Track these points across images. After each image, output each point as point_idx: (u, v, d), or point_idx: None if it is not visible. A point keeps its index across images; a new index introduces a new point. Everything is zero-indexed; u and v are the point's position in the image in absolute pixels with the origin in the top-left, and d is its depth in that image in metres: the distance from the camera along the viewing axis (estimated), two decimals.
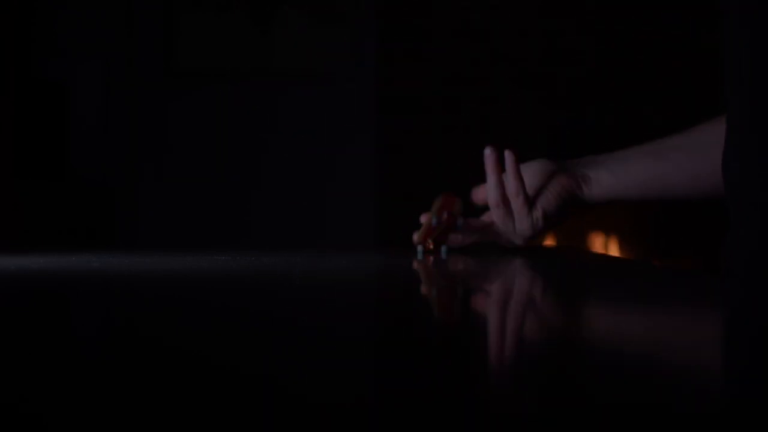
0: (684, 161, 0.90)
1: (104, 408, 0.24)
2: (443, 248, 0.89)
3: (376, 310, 0.50)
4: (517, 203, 0.87)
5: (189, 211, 3.02)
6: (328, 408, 0.25)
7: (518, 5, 2.89)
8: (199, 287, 0.59)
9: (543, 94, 2.81)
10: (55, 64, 2.99)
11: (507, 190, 0.88)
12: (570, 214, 0.91)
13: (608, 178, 0.90)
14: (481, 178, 0.91)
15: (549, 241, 2.43)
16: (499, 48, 2.87)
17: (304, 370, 0.30)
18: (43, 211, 2.71)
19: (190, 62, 3.05)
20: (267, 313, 0.47)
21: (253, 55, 3.01)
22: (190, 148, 3.02)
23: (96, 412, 0.24)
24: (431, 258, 0.85)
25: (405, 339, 0.38)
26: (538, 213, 0.88)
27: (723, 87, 0.75)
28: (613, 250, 2.55)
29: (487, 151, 0.88)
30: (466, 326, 0.42)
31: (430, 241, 0.88)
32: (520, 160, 0.88)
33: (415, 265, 0.80)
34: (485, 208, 0.92)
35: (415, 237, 0.88)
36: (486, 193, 0.90)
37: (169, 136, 3.03)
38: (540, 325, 0.43)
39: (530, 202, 0.88)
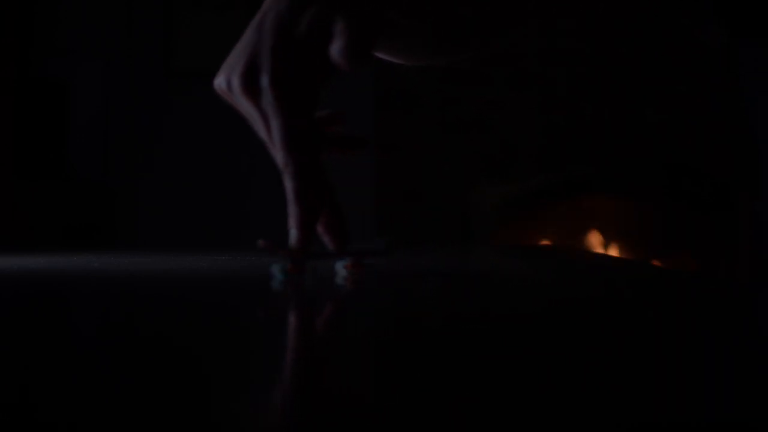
0: None
1: (103, 408, 0.24)
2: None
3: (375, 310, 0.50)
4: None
5: (189, 211, 3.02)
6: (330, 407, 0.25)
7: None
8: (199, 287, 0.59)
9: (542, 93, 2.81)
10: (56, 64, 2.99)
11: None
12: None
13: None
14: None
15: (545, 241, 2.44)
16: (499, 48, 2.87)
17: (304, 371, 0.30)
18: (43, 210, 2.71)
19: (190, 62, 3.05)
20: (267, 313, 0.47)
21: None
22: (190, 147, 3.02)
23: (95, 413, 0.24)
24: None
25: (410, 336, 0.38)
26: None
27: None
28: (613, 251, 2.55)
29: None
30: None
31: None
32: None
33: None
34: None
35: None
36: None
37: (169, 136, 3.03)
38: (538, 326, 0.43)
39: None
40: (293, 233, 0.59)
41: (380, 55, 0.66)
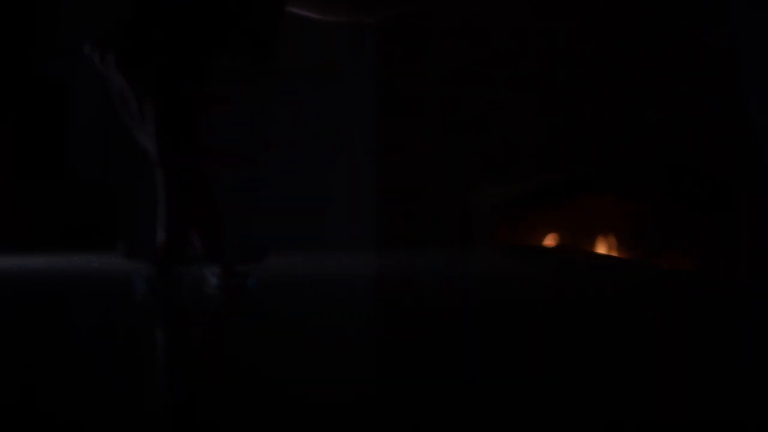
0: None
1: (102, 407, 0.24)
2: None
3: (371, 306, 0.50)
4: None
5: None
6: (331, 407, 0.25)
7: (518, 5, 2.88)
8: (198, 287, 0.59)
9: (542, 94, 2.81)
10: (56, 64, 2.99)
11: None
12: None
13: None
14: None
15: (548, 242, 2.44)
16: (499, 48, 2.87)
17: (304, 370, 0.30)
18: (43, 210, 2.71)
19: None
20: (264, 312, 0.47)
21: None
22: None
23: (94, 411, 0.24)
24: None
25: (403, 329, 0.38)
26: None
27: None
28: (613, 250, 2.55)
29: None
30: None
31: None
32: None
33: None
34: None
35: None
36: None
37: None
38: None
39: None
40: (161, 235, 0.50)
41: (299, 11, 0.60)
